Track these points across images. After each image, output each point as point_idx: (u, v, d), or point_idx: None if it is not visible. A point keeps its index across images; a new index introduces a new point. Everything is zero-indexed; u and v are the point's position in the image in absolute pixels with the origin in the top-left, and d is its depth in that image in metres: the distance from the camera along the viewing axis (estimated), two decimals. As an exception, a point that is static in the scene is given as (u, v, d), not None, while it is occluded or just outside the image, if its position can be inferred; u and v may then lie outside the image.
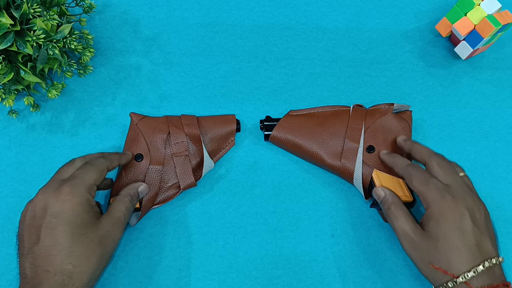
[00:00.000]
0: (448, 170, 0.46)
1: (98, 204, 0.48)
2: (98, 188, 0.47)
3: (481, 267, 0.41)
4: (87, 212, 0.43)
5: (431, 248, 0.43)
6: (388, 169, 0.51)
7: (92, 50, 0.56)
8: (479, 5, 0.55)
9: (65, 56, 0.53)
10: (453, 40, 0.59)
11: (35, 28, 0.49)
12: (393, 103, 0.54)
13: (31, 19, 0.49)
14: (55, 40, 0.50)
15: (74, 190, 0.43)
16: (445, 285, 0.42)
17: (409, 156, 0.52)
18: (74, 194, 0.43)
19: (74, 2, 0.57)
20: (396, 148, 0.53)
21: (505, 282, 0.42)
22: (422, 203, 0.45)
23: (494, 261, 0.42)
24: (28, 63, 0.51)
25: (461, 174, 0.48)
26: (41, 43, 0.49)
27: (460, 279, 0.41)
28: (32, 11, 0.48)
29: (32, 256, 0.41)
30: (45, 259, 0.41)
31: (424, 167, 0.48)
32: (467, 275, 0.41)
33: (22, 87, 0.53)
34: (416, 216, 0.47)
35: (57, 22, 0.50)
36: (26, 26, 0.49)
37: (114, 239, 0.45)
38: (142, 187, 0.50)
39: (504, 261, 0.44)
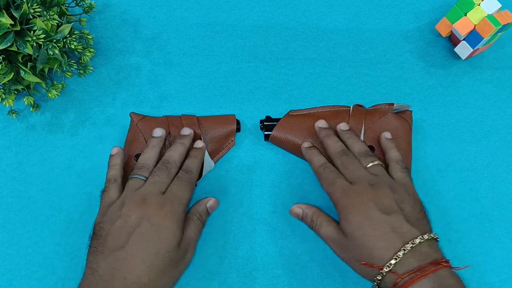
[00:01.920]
0: (351, 167, 0.47)
1: None
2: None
3: (401, 251, 0.40)
4: (179, 231, 0.44)
5: (353, 246, 0.43)
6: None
7: (92, 50, 0.56)
8: (479, 5, 0.55)
9: (65, 56, 0.53)
10: (453, 40, 0.59)
11: (35, 28, 0.49)
12: (393, 103, 0.54)
13: (31, 19, 0.49)
14: (55, 40, 0.50)
15: (175, 209, 0.44)
16: (376, 279, 0.41)
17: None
18: (174, 213, 0.44)
19: (74, 2, 0.57)
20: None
21: (435, 261, 0.40)
22: (334, 206, 0.46)
23: (418, 240, 0.40)
24: (28, 63, 0.51)
25: (370, 164, 0.47)
26: (41, 43, 0.49)
27: (385, 269, 0.40)
28: (32, 11, 0.48)
29: (114, 258, 0.41)
30: (127, 265, 0.41)
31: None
32: (390, 263, 0.40)
33: (22, 87, 0.53)
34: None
35: (57, 22, 0.50)
36: (26, 26, 0.49)
37: (186, 261, 0.45)
38: (210, 203, 0.50)
39: (439, 239, 0.43)
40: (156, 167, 0.48)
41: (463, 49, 0.57)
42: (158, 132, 0.52)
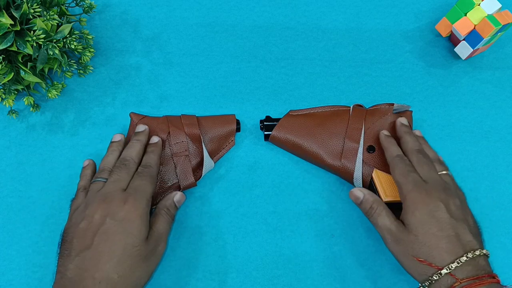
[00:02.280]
0: (426, 167, 0.47)
1: None
2: None
3: (464, 257, 0.41)
4: (144, 225, 0.44)
5: (412, 241, 0.43)
6: (388, 169, 0.51)
7: (92, 50, 0.56)
8: (479, 5, 0.55)
9: (65, 56, 0.53)
10: (453, 40, 0.59)
11: (35, 28, 0.49)
12: (393, 103, 0.54)
13: (31, 19, 0.49)
14: (55, 40, 0.50)
15: (138, 203, 0.44)
16: (430, 278, 0.42)
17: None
18: (137, 207, 0.44)
19: (74, 2, 0.57)
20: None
21: (491, 274, 0.41)
22: (400, 196, 0.47)
23: (477, 252, 0.42)
24: (28, 63, 0.51)
25: (442, 172, 0.48)
26: (41, 43, 0.49)
27: (444, 271, 0.41)
28: (32, 11, 0.48)
29: (81, 259, 0.41)
30: (94, 264, 0.41)
31: None
32: (451, 266, 0.41)
33: (22, 87, 0.53)
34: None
35: (57, 22, 0.50)
36: (26, 26, 0.49)
37: (158, 255, 0.46)
38: (177, 197, 0.50)
39: (489, 256, 0.44)
40: (115, 166, 0.49)
41: (463, 49, 0.57)
42: (117, 137, 0.53)
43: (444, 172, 0.49)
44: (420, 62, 0.60)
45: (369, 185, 0.51)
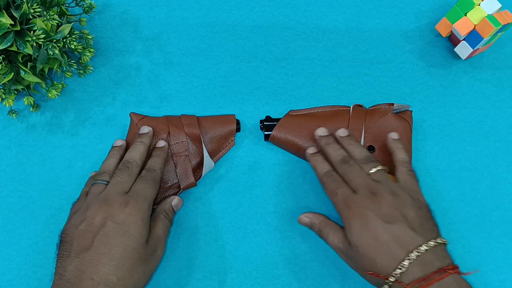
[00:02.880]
0: (352, 175, 0.46)
1: None
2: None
3: (406, 260, 0.40)
4: (145, 227, 0.44)
5: (357, 256, 0.43)
6: (389, 169, 0.51)
7: (92, 50, 0.56)
8: (479, 5, 0.55)
9: (65, 56, 0.53)
10: (453, 40, 0.59)
11: (35, 28, 0.49)
12: (393, 103, 0.54)
13: (31, 19, 0.49)
14: (55, 40, 0.50)
15: (139, 206, 0.44)
16: None
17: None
18: (138, 210, 0.44)
19: (74, 2, 0.57)
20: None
21: (440, 269, 0.39)
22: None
23: (422, 248, 0.40)
24: (28, 63, 0.51)
25: (372, 170, 0.47)
26: (41, 43, 0.49)
27: (391, 278, 0.40)
28: (32, 11, 0.48)
29: (80, 260, 0.41)
30: (93, 266, 0.40)
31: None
32: (396, 273, 0.40)
33: (22, 87, 0.53)
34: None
35: (57, 22, 0.50)
36: (26, 26, 0.49)
37: (157, 258, 0.45)
38: (175, 201, 0.50)
39: (448, 242, 0.43)
40: (117, 168, 0.48)
41: (463, 49, 0.57)
42: (119, 142, 0.53)
43: (373, 169, 0.47)
44: (420, 62, 0.60)
45: (369, 185, 0.51)
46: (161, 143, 0.52)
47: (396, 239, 0.41)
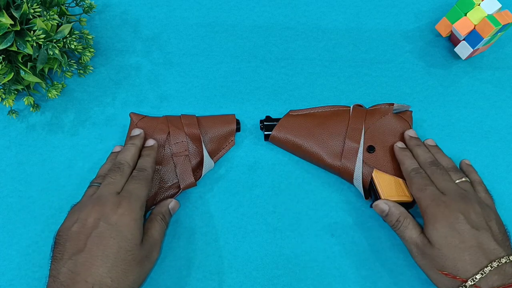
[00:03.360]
0: (442, 178, 0.47)
1: None
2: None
3: (488, 267, 0.41)
4: (138, 229, 0.44)
5: (436, 255, 0.43)
6: (388, 170, 0.51)
7: (92, 50, 0.56)
8: (479, 5, 0.55)
9: (65, 56, 0.53)
10: (453, 40, 0.59)
11: (35, 28, 0.49)
12: (393, 103, 0.54)
13: (31, 19, 0.49)
14: (55, 40, 0.50)
15: (132, 207, 0.44)
16: None
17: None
18: (131, 210, 0.44)
19: (74, 2, 0.57)
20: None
21: None
22: (420, 212, 0.46)
23: (503, 260, 0.41)
24: (28, 63, 0.51)
25: (458, 180, 0.48)
26: (41, 43, 0.49)
27: (469, 282, 0.41)
28: (32, 11, 0.48)
29: (73, 262, 0.41)
30: (87, 268, 0.40)
31: None
32: (476, 278, 0.41)
33: (22, 87, 0.53)
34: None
35: (57, 22, 0.50)
36: (26, 26, 0.49)
37: (152, 260, 0.45)
38: (172, 204, 0.50)
39: None
40: (109, 169, 0.48)
41: (463, 49, 0.57)
42: (118, 148, 0.53)
43: (461, 179, 0.48)
44: (420, 62, 0.60)
45: (369, 185, 0.51)
46: (150, 142, 0.52)
47: (481, 246, 0.42)
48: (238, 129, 0.55)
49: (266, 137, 0.55)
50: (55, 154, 0.55)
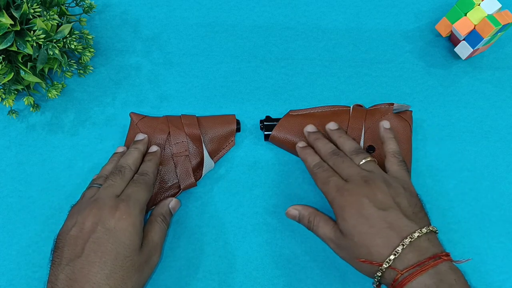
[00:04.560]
0: (344, 166, 0.47)
1: None
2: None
3: (400, 246, 0.40)
4: (137, 234, 0.43)
5: (351, 244, 0.43)
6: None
7: (92, 50, 0.56)
8: (479, 5, 0.55)
9: (65, 56, 0.53)
10: (453, 40, 0.59)
11: (35, 28, 0.49)
12: (393, 103, 0.54)
13: (31, 19, 0.49)
14: (55, 40, 0.50)
15: (130, 211, 0.43)
16: (376, 276, 0.41)
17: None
18: (129, 215, 0.43)
19: (74, 2, 0.57)
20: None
21: (435, 255, 0.40)
22: (329, 205, 0.46)
23: (415, 235, 0.40)
24: (28, 63, 0.51)
25: (362, 161, 0.47)
26: (41, 43, 0.49)
27: (384, 265, 0.40)
28: (32, 11, 0.48)
29: (71, 268, 0.40)
30: (84, 275, 0.39)
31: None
32: (389, 259, 0.40)
33: (22, 87, 0.53)
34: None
35: (57, 22, 0.50)
36: (26, 26, 0.49)
37: (152, 265, 0.44)
38: (172, 203, 0.50)
39: (438, 231, 0.43)
40: (110, 173, 0.48)
41: (463, 49, 0.57)
42: (120, 148, 0.52)
43: (364, 160, 0.47)
44: (420, 62, 0.60)
45: (369, 185, 0.51)
46: (154, 148, 0.52)
47: (391, 226, 0.41)
48: (238, 129, 0.55)
49: (266, 137, 0.55)
50: (55, 154, 0.55)
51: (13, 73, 0.51)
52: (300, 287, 0.50)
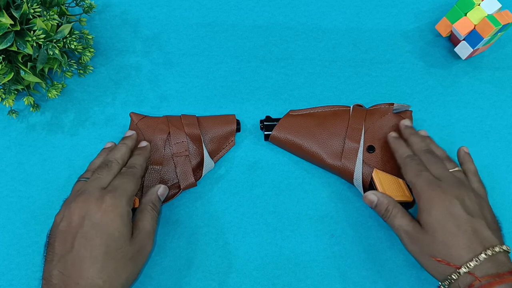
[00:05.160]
0: (437, 166, 0.47)
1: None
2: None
3: (483, 255, 0.40)
4: (126, 225, 0.43)
5: (429, 241, 0.42)
6: (388, 170, 0.51)
7: (92, 50, 0.56)
8: (479, 5, 0.55)
9: (65, 56, 0.53)
10: (453, 40, 0.59)
11: (35, 28, 0.49)
12: (393, 103, 0.54)
13: (31, 19, 0.49)
14: (55, 40, 0.50)
15: (117, 202, 0.43)
16: (449, 278, 0.41)
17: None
18: (116, 206, 0.42)
19: (74, 2, 0.57)
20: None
21: (510, 271, 0.40)
22: (415, 197, 0.46)
23: (497, 249, 0.41)
24: (28, 63, 0.51)
25: (452, 169, 0.48)
26: (41, 43, 0.49)
27: (463, 269, 0.40)
28: (32, 11, 0.48)
29: (63, 264, 0.40)
30: (77, 270, 0.40)
31: None
32: (470, 265, 0.40)
33: (22, 87, 0.53)
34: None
35: (57, 22, 0.50)
36: (26, 26, 0.49)
37: (145, 253, 0.44)
38: (161, 190, 0.49)
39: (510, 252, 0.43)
40: (98, 167, 0.48)
41: (463, 49, 0.57)
42: (108, 144, 0.52)
43: (455, 169, 0.49)
44: (420, 62, 0.60)
45: (369, 185, 0.51)
46: (143, 143, 0.52)
47: (476, 233, 0.42)
48: (238, 129, 0.55)
49: (266, 137, 0.55)
50: (55, 154, 0.55)
51: (13, 73, 0.51)
52: (300, 287, 0.50)
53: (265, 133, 0.55)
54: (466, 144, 0.56)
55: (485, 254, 0.40)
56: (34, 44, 0.49)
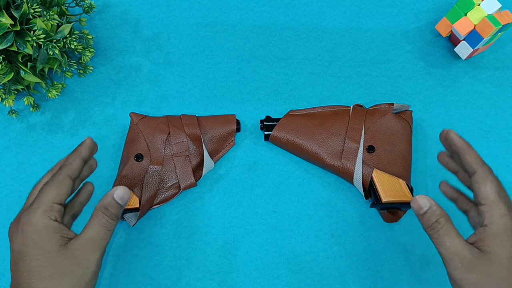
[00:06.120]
0: (501, 186, 0.40)
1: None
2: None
3: None
4: (47, 239, 0.37)
5: (495, 273, 0.35)
6: (388, 170, 0.51)
7: (92, 50, 0.56)
8: (479, 5, 0.55)
9: (65, 56, 0.53)
10: (453, 40, 0.59)
11: (35, 28, 0.49)
12: (393, 103, 0.54)
13: (31, 19, 0.49)
14: (55, 40, 0.50)
15: (30, 219, 0.38)
16: None
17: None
18: (30, 223, 0.37)
19: (74, 2, 0.57)
20: (394, 148, 0.52)
21: None
22: (483, 216, 0.38)
23: None
24: (28, 63, 0.51)
25: None
26: (41, 43, 0.49)
27: None
28: (32, 11, 0.48)
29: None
30: None
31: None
32: None
33: (22, 87, 0.53)
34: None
35: (57, 22, 0.50)
36: (26, 26, 0.49)
37: (87, 265, 0.38)
38: (118, 192, 0.41)
39: None
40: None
41: (463, 49, 0.57)
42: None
43: None
44: (420, 62, 0.60)
45: (369, 185, 0.51)
46: (85, 140, 0.44)
47: None
48: (238, 129, 0.55)
49: (266, 137, 0.55)
50: (55, 154, 0.55)
51: (13, 73, 0.51)
52: (300, 287, 0.50)
53: (265, 133, 0.55)
54: (466, 144, 0.56)
55: None
56: (34, 44, 0.49)
